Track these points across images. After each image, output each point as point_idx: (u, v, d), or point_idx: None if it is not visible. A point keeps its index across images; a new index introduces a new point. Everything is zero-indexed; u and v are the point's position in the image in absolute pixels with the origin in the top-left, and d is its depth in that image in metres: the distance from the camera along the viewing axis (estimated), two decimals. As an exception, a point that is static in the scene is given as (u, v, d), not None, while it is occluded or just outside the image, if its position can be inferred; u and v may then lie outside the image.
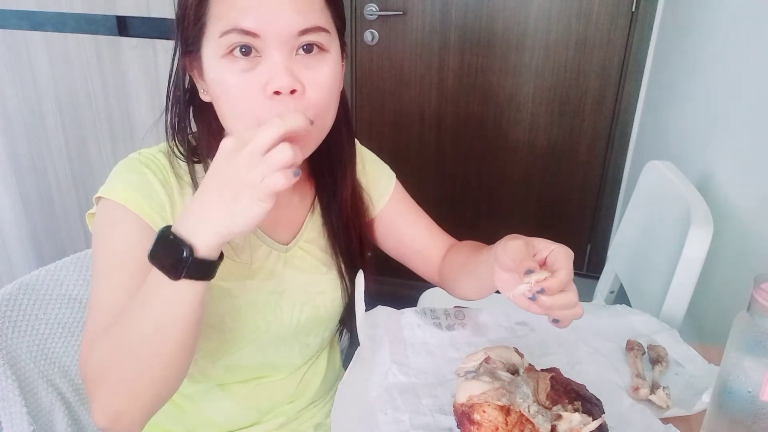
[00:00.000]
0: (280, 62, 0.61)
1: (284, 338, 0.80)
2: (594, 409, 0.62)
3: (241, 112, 0.63)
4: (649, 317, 0.91)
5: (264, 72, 0.61)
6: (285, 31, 0.60)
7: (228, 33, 0.60)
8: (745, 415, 0.57)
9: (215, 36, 0.61)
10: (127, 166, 0.70)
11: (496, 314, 0.89)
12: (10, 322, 0.78)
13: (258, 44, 0.60)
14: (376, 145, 0.88)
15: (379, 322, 0.84)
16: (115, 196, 0.66)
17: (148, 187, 0.67)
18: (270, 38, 0.60)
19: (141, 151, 0.72)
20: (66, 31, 2.03)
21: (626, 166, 2.07)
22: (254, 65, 0.61)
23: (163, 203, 0.68)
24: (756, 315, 0.55)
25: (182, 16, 0.65)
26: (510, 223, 2.26)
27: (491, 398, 0.60)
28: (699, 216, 1.01)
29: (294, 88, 0.61)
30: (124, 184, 0.67)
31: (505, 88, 2.08)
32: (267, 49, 0.61)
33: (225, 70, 0.62)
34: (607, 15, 1.92)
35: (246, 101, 0.62)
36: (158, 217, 0.67)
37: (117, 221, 0.66)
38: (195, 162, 0.72)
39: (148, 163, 0.69)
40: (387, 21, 2.07)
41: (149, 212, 0.66)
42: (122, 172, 0.69)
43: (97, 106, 2.13)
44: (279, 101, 0.61)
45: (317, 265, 0.81)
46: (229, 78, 0.62)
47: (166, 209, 0.68)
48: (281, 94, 0.60)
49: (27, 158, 2.25)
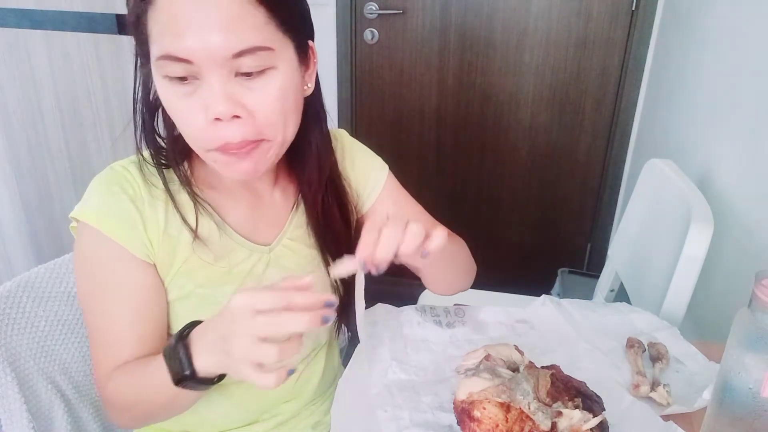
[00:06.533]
0: (217, 88, 0.58)
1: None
2: (594, 406, 0.62)
3: (188, 134, 0.63)
4: (650, 315, 0.91)
5: (203, 96, 0.59)
6: (216, 55, 0.57)
7: (162, 59, 0.58)
8: (746, 412, 0.57)
9: (154, 58, 0.60)
10: (100, 185, 0.69)
11: (497, 312, 0.89)
12: (10, 320, 0.78)
13: (194, 69, 0.58)
14: (376, 145, 0.87)
15: (379, 319, 0.84)
16: (91, 220, 0.67)
17: (119, 208, 0.67)
18: (203, 63, 0.58)
19: (113, 166, 0.71)
20: (66, 29, 2.03)
21: (626, 165, 2.07)
22: (194, 89, 0.59)
23: (135, 222, 0.67)
24: (757, 311, 0.55)
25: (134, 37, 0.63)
26: (510, 222, 2.26)
27: (491, 395, 0.60)
28: (699, 214, 1.01)
29: (235, 114, 0.59)
30: (98, 208, 0.67)
31: (505, 87, 2.08)
32: (203, 74, 0.58)
33: (167, 92, 0.61)
34: (607, 14, 1.92)
35: (190, 126, 0.62)
36: (134, 240, 0.67)
37: (96, 249, 0.67)
38: (165, 166, 0.71)
39: (119, 180, 0.69)
40: (387, 20, 2.07)
41: (124, 236, 0.67)
42: (95, 194, 0.68)
43: (97, 105, 2.13)
44: (222, 127, 0.60)
45: (303, 264, 0.80)
46: (172, 100, 0.61)
47: (138, 227, 0.67)
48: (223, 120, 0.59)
49: (27, 157, 2.24)
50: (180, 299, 0.72)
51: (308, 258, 0.80)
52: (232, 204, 0.75)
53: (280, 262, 0.78)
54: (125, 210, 0.67)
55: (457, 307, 0.89)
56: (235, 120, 0.60)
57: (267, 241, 0.77)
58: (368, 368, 0.75)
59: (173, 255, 0.70)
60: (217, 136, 0.61)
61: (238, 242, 0.74)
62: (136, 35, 0.61)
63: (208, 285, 0.72)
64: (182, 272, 0.71)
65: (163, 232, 0.69)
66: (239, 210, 0.75)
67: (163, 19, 0.57)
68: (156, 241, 0.69)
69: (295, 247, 0.79)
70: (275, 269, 0.77)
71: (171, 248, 0.70)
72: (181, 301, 0.72)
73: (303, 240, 0.80)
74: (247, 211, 0.76)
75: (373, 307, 0.85)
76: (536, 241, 2.27)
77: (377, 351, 0.78)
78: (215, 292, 0.72)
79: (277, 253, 0.78)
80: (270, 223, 0.78)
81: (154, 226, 0.68)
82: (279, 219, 0.79)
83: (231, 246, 0.74)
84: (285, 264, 0.78)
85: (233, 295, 0.52)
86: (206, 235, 0.71)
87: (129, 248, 0.67)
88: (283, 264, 0.78)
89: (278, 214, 0.79)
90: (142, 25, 0.60)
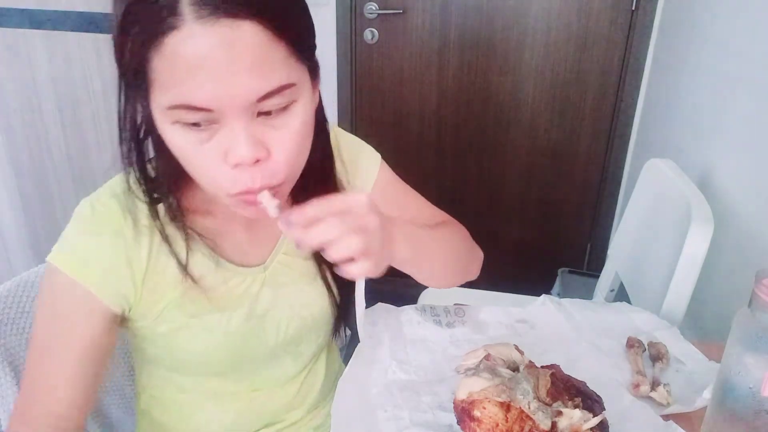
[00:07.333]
0: (241, 131, 0.53)
1: (273, 353, 0.77)
2: (594, 406, 0.62)
3: (200, 178, 0.58)
4: (650, 314, 0.91)
5: (223, 141, 0.54)
6: (243, 100, 0.52)
7: (176, 108, 0.52)
8: (746, 412, 0.57)
9: (162, 106, 0.52)
10: (78, 226, 0.64)
11: (497, 312, 0.89)
12: (9, 319, 0.78)
13: (213, 116, 0.52)
14: (376, 145, 0.86)
15: (379, 319, 0.84)
16: (65, 265, 0.62)
17: (98, 254, 0.62)
18: (226, 110, 0.52)
19: (93, 203, 0.64)
20: (66, 29, 2.03)
21: (626, 164, 2.07)
22: (211, 135, 0.54)
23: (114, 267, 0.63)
24: (757, 311, 0.55)
25: (121, 72, 0.55)
26: (510, 221, 2.26)
27: (491, 395, 0.60)
28: (699, 213, 1.01)
29: (258, 157, 0.54)
30: (72, 253, 0.63)
31: (505, 87, 2.08)
32: (224, 119, 0.53)
33: (178, 138, 0.54)
34: (607, 13, 1.92)
35: (205, 170, 0.56)
36: (108, 288, 0.63)
37: (64, 296, 0.63)
38: (155, 200, 0.65)
39: (100, 220, 0.63)
40: (387, 19, 2.07)
41: (98, 284, 0.62)
42: (72, 236, 0.63)
43: (97, 105, 2.13)
44: (242, 171, 0.55)
45: (299, 277, 0.76)
46: (184, 147, 0.55)
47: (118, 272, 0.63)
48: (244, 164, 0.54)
49: (27, 157, 2.25)
50: (173, 331, 0.69)
51: (303, 270, 0.77)
52: (228, 229, 0.71)
53: (276, 279, 0.74)
54: (104, 255, 0.62)
55: (457, 306, 0.89)
56: (255, 166, 0.55)
57: (261, 260, 0.74)
58: (368, 368, 0.75)
59: (161, 292, 0.66)
60: (237, 182, 0.56)
61: (232, 271, 0.71)
62: (134, 81, 0.53)
63: (201, 314, 0.69)
64: (172, 306, 0.67)
65: (149, 271, 0.65)
66: (234, 234, 0.71)
67: (174, 66, 0.50)
68: (139, 281, 0.65)
69: (290, 261, 0.76)
70: (270, 288, 0.74)
71: (158, 285, 0.66)
72: (174, 333, 0.69)
73: (297, 253, 0.76)
74: (242, 234, 0.72)
75: (373, 307, 0.85)
76: (536, 241, 2.27)
77: (377, 351, 0.78)
78: (209, 320, 0.69)
79: (272, 271, 0.74)
80: (264, 242, 0.74)
81: (137, 267, 0.64)
82: (273, 235, 0.75)
83: (225, 276, 0.70)
84: (281, 281, 0.75)
85: None
86: (199, 271, 0.68)
87: (101, 297, 0.62)
88: (279, 281, 0.75)
89: (272, 231, 0.74)
90: (143, 72, 0.52)
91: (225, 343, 0.71)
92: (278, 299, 0.74)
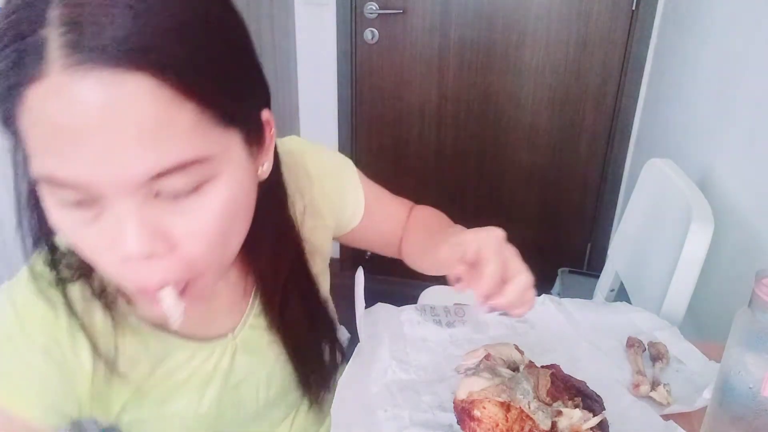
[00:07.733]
0: (128, 218, 0.40)
1: (257, 413, 0.71)
2: (594, 406, 0.62)
3: (94, 265, 0.45)
4: (650, 314, 0.90)
5: (106, 228, 0.41)
6: (128, 180, 0.39)
7: (44, 182, 0.41)
8: (746, 411, 0.57)
9: (34, 173, 0.41)
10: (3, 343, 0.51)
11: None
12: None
13: (92, 193, 0.40)
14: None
15: (378, 319, 0.84)
16: None
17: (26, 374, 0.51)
18: (107, 189, 0.40)
19: (14, 302, 0.53)
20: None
21: (627, 164, 2.07)
22: (96, 214, 0.41)
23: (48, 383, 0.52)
24: (757, 311, 0.55)
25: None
26: (510, 221, 2.26)
27: (491, 394, 0.60)
28: (699, 213, 1.01)
29: (152, 252, 0.42)
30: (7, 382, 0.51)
31: (506, 87, 2.08)
32: (107, 200, 0.41)
33: (56, 216, 0.43)
34: (608, 13, 1.92)
35: (96, 257, 0.44)
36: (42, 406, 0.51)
37: None
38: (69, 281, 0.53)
39: (25, 330, 0.51)
40: (387, 19, 2.07)
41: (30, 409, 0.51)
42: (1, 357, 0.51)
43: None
44: (135, 266, 0.42)
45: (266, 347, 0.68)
46: (67, 228, 0.43)
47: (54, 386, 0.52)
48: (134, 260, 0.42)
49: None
50: (139, 422, 0.61)
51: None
52: None
53: (249, 345, 0.66)
54: (34, 374, 0.51)
55: (457, 306, 0.89)
56: (153, 259, 0.42)
57: (230, 327, 0.64)
58: (368, 368, 0.75)
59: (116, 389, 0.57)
60: (130, 278, 0.44)
61: (195, 348, 0.61)
62: (8, 131, 0.41)
63: (169, 401, 0.61)
64: (133, 399, 0.59)
65: (94, 374, 0.54)
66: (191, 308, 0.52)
67: (39, 128, 0.38)
68: (86, 386, 0.54)
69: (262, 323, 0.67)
70: (244, 355, 0.65)
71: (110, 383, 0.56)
72: (141, 425, 0.62)
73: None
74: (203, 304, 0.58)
75: (373, 307, 0.85)
76: (536, 241, 2.27)
77: (377, 351, 0.78)
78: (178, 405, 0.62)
79: (243, 337, 0.65)
80: (231, 308, 0.65)
81: (79, 373, 0.53)
82: (237, 302, 0.65)
83: (188, 354, 0.61)
84: (253, 347, 0.66)
85: None
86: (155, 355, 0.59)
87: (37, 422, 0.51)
88: (252, 347, 0.66)
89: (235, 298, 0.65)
90: (12, 125, 0.39)
91: (199, 422, 0.65)
92: (253, 365, 0.67)
